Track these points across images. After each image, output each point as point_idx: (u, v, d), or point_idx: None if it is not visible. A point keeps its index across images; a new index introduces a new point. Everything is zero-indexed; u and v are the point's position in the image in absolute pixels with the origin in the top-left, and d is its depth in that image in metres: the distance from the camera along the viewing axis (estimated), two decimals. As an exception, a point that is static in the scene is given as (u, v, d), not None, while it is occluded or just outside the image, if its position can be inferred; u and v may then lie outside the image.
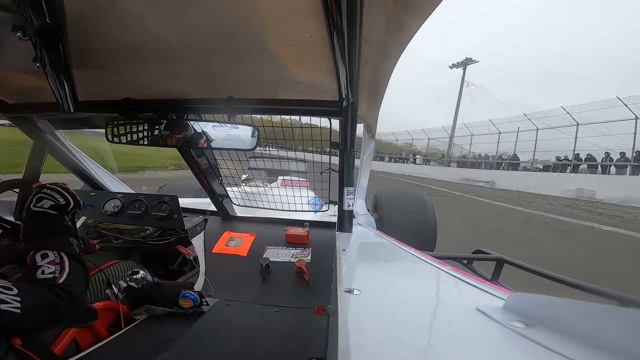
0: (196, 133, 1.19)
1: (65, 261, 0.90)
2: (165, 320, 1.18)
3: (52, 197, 0.99)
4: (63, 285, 0.84)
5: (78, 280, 0.90)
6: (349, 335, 0.45)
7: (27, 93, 1.26)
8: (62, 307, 0.82)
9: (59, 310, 0.82)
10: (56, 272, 0.86)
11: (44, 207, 0.97)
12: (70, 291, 0.84)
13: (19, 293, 0.74)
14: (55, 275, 0.85)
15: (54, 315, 0.83)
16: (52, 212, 0.97)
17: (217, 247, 1.68)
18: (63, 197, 1.01)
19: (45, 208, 0.97)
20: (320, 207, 2.21)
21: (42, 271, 0.85)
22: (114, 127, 1.20)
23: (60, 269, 0.87)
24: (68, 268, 0.89)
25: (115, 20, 0.77)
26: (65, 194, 1.01)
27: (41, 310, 0.78)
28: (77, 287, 0.88)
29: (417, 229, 2.85)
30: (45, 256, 0.89)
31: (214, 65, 1.00)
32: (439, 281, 0.86)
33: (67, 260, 0.90)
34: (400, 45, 0.91)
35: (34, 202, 0.97)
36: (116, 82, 1.15)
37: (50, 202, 0.98)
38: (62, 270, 0.87)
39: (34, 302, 0.76)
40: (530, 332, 0.42)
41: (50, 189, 1.00)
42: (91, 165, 1.97)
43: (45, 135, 1.59)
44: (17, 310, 0.71)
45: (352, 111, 1.19)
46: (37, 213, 0.96)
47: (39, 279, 0.84)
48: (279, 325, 1.18)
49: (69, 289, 0.84)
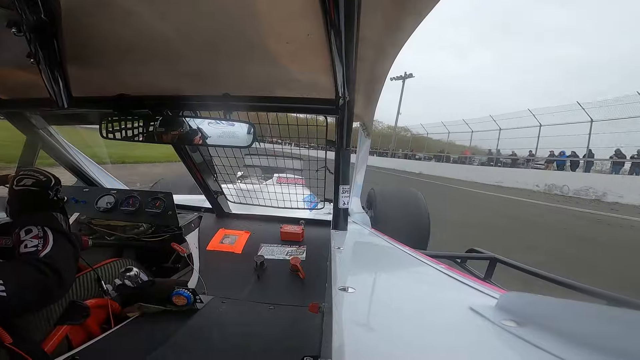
0: (191, 130, 1.18)
1: (49, 235, 0.89)
2: (159, 317, 1.18)
3: (32, 176, 1.01)
4: (45, 259, 0.83)
5: (63, 253, 0.90)
6: (343, 333, 0.46)
7: (20, 89, 1.24)
8: (48, 283, 0.81)
9: (46, 287, 0.81)
10: (39, 246, 0.86)
11: (25, 184, 0.99)
12: (55, 265, 0.83)
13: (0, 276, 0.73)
14: (37, 249, 0.85)
15: (42, 293, 0.82)
16: (34, 188, 0.99)
17: (212, 245, 1.68)
18: (43, 175, 1.03)
19: (27, 185, 0.99)
20: (315, 204, 2.21)
21: (25, 245, 0.85)
22: (108, 123, 1.19)
23: (43, 242, 0.87)
24: (52, 242, 0.88)
25: (111, 16, 0.77)
26: (45, 172, 1.03)
27: (27, 288, 0.77)
28: (62, 260, 0.88)
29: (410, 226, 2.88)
30: (29, 231, 0.89)
31: (210, 62, 1.00)
32: (433, 280, 0.87)
33: (51, 234, 0.90)
34: (397, 45, 0.91)
35: (15, 183, 0.99)
36: (111, 78, 1.14)
37: (31, 179, 1.00)
38: (46, 244, 0.87)
39: (18, 280, 0.76)
40: (522, 331, 0.43)
41: (29, 169, 1.03)
42: (84, 161, 1.95)
43: (38, 131, 1.57)
44: (2, 293, 0.71)
45: (349, 109, 1.19)
46: (20, 191, 0.98)
47: (21, 253, 0.84)
48: (274, 323, 1.18)
49: (53, 263, 0.83)
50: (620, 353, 0.34)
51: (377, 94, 1.36)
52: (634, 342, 0.34)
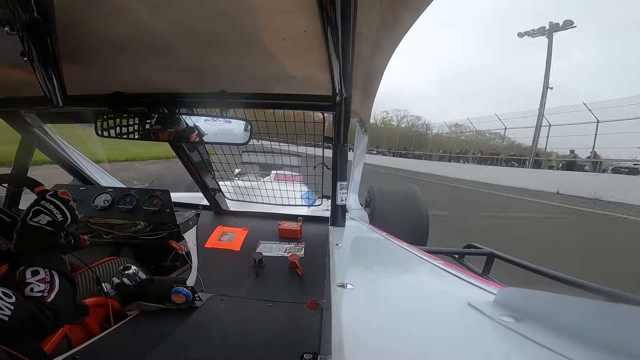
0: (188, 127, 1.18)
1: (55, 280, 0.89)
2: (158, 316, 1.18)
3: (50, 213, 0.95)
4: (50, 305, 0.84)
5: (65, 298, 0.90)
6: (342, 329, 0.46)
7: (15, 87, 1.23)
8: (45, 324, 0.82)
9: (42, 326, 0.82)
10: (45, 291, 0.85)
11: (40, 222, 0.94)
12: (57, 310, 0.84)
13: (15, 302, 0.74)
14: (43, 295, 0.84)
15: (37, 330, 0.83)
16: (48, 228, 0.94)
17: (210, 242, 1.68)
18: (61, 213, 0.97)
19: (42, 224, 0.94)
20: (313, 201, 2.21)
21: (30, 289, 0.84)
22: (103, 121, 1.18)
23: (49, 287, 0.86)
24: (57, 287, 0.88)
25: (105, 13, 0.76)
26: (64, 210, 0.98)
27: (26, 323, 0.78)
28: (64, 306, 0.88)
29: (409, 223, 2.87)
30: (35, 273, 0.87)
31: (206, 59, 0.99)
32: (431, 276, 0.87)
33: (57, 278, 0.89)
34: (394, 41, 0.91)
35: (31, 216, 0.94)
36: (106, 76, 1.13)
37: (47, 217, 0.95)
38: (52, 290, 0.86)
39: (22, 315, 0.76)
40: (519, 327, 0.43)
41: (49, 202, 0.96)
42: (80, 159, 1.94)
43: (33, 129, 1.57)
44: (5, 317, 0.71)
45: (346, 106, 1.19)
46: (33, 228, 0.93)
47: (26, 296, 0.83)
48: (273, 320, 1.19)
49: (56, 309, 0.84)
50: (617, 349, 0.34)
51: (374, 90, 1.35)
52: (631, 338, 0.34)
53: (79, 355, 0.94)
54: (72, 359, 0.92)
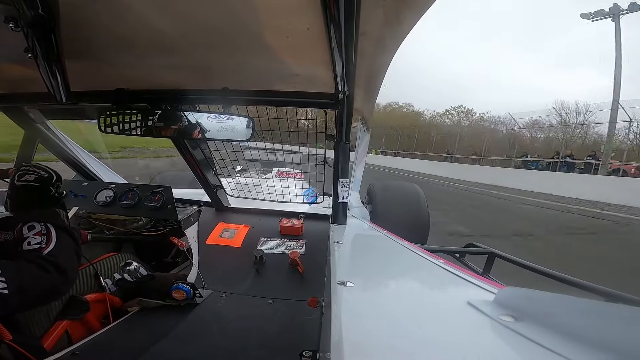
0: (190, 124, 1.18)
1: (52, 232, 0.90)
2: (158, 312, 1.18)
3: (34, 171, 1.00)
4: (48, 256, 0.84)
5: (66, 249, 0.90)
6: (342, 327, 0.46)
7: (18, 83, 1.24)
8: (51, 280, 0.82)
9: (48, 283, 0.82)
10: (42, 243, 0.86)
11: (27, 180, 0.98)
12: (57, 262, 0.84)
13: (2, 273, 0.73)
14: (41, 246, 0.86)
15: (46, 290, 0.82)
16: (36, 184, 0.99)
17: (211, 238, 1.68)
18: (45, 171, 1.02)
19: (29, 181, 0.98)
20: (314, 199, 2.21)
21: (28, 242, 0.86)
22: (106, 118, 1.19)
23: (46, 239, 0.88)
24: (55, 239, 0.89)
25: (109, 11, 0.76)
26: (47, 169, 1.03)
27: (30, 286, 0.78)
28: (65, 257, 0.89)
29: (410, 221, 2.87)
30: (31, 228, 0.89)
31: (209, 56, 0.99)
32: (431, 274, 0.87)
33: (54, 231, 0.90)
34: (397, 39, 0.90)
35: (17, 178, 0.99)
36: (109, 72, 1.13)
37: (33, 175, 0.99)
38: (49, 241, 0.88)
39: (20, 278, 0.76)
40: (519, 327, 0.43)
41: (31, 165, 1.02)
42: (83, 155, 1.94)
43: (36, 125, 1.57)
44: (4, 290, 0.71)
45: (348, 104, 1.19)
46: (22, 186, 0.98)
47: (25, 250, 0.84)
48: (273, 317, 1.19)
49: (55, 260, 0.84)
50: (617, 349, 0.34)
51: (377, 88, 1.35)
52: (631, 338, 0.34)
53: (79, 351, 0.94)
54: (72, 354, 0.93)
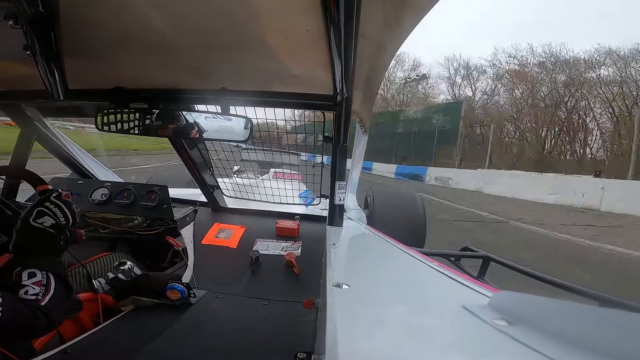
0: (188, 123, 1.18)
1: (51, 283, 0.88)
2: (152, 311, 1.18)
3: (54, 216, 0.93)
4: (43, 308, 0.83)
5: (59, 302, 0.89)
6: (337, 329, 0.46)
7: (16, 81, 1.23)
8: (38, 326, 0.81)
9: (34, 328, 0.81)
10: (39, 295, 0.84)
11: (44, 224, 0.92)
12: (49, 314, 0.83)
13: (2, 302, 0.73)
14: (37, 298, 0.84)
15: (27, 332, 0.82)
16: (51, 230, 0.93)
17: (207, 239, 1.68)
18: (64, 217, 0.95)
19: (45, 226, 0.92)
20: (311, 200, 2.21)
21: (25, 291, 0.84)
22: (104, 116, 1.18)
23: (44, 291, 0.86)
24: (52, 291, 0.87)
25: (109, 9, 0.76)
26: (67, 213, 0.96)
27: (17, 324, 0.77)
28: (57, 310, 0.87)
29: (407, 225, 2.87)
30: (32, 275, 0.86)
31: (208, 56, 0.99)
32: (427, 278, 0.87)
33: (53, 282, 0.88)
34: (396, 42, 0.91)
35: (34, 217, 0.92)
36: (108, 71, 1.13)
37: (51, 220, 0.93)
38: (46, 293, 0.86)
39: (13, 315, 0.75)
40: (512, 331, 0.43)
41: (54, 204, 0.94)
42: (79, 153, 1.93)
43: (33, 122, 1.56)
44: None
45: (346, 105, 1.19)
46: (35, 230, 0.91)
47: (21, 298, 0.82)
48: (267, 319, 1.19)
49: (48, 312, 0.83)
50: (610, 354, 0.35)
51: (376, 91, 1.36)
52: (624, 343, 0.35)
53: (70, 350, 0.93)
54: (63, 354, 0.92)
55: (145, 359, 0.93)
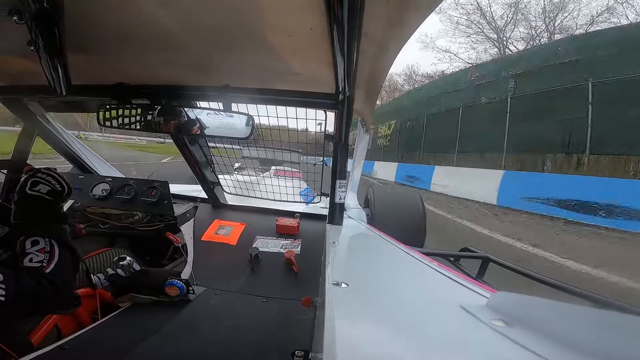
0: (190, 120, 1.18)
1: (55, 249, 0.88)
2: (150, 308, 1.18)
3: (48, 182, 0.96)
4: (48, 275, 0.83)
5: (65, 269, 0.89)
6: (335, 328, 0.46)
7: (19, 75, 1.23)
8: (44, 296, 0.81)
9: (41, 299, 0.81)
10: (44, 261, 0.85)
11: (40, 191, 0.94)
12: (55, 281, 0.83)
13: (3, 280, 0.73)
14: (42, 265, 0.84)
15: (36, 304, 0.82)
16: (48, 197, 0.95)
17: (207, 235, 1.68)
18: (59, 183, 0.98)
19: (42, 193, 0.94)
20: (311, 198, 2.22)
21: (30, 259, 0.84)
22: (106, 111, 1.19)
23: (49, 257, 0.86)
24: (57, 257, 0.87)
25: (112, 5, 0.76)
26: (61, 180, 0.99)
27: (23, 298, 0.77)
28: (63, 276, 0.87)
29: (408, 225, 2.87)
30: (35, 243, 0.87)
31: (211, 53, 0.99)
32: (426, 277, 0.88)
33: (57, 248, 0.89)
34: (400, 41, 0.91)
35: (30, 186, 0.94)
36: (111, 66, 1.13)
37: (47, 187, 0.95)
38: (51, 260, 0.86)
39: (17, 290, 0.75)
40: (509, 331, 0.43)
41: (46, 174, 0.97)
42: (80, 148, 1.94)
43: (35, 117, 1.56)
44: (1, 297, 0.71)
45: (348, 104, 1.19)
46: (33, 197, 0.93)
47: (25, 266, 0.83)
48: (266, 316, 1.19)
49: (54, 279, 0.83)
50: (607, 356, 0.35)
51: (378, 90, 1.36)
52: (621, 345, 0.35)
53: (67, 346, 0.93)
54: (61, 349, 0.92)
55: (143, 356, 0.94)
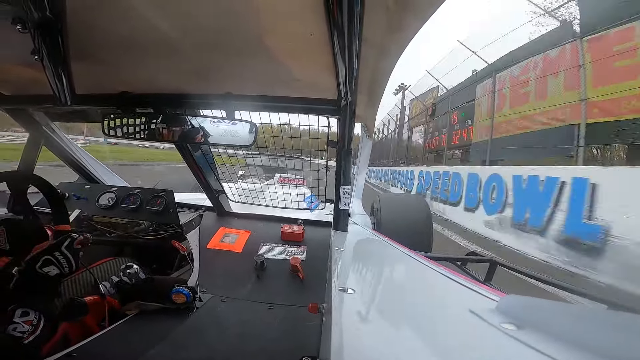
0: (193, 128, 1.18)
1: (40, 324, 0.90)
2: (157, 315, 1.18)
3: (59, 265, 0.98)
4: (26, 346, 0.85)
5: (41, 342, 0.91)
6: (342, 334, 0.45)
7: (24, 85, 1.25)
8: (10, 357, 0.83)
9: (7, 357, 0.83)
10: (25, 333, 0.87)
11: (49, 273, 0.96)
12: (28, 351, 0.86)
13: None
14: (23, 336, 0.86)
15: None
16: (55, 279, 0.97)
17: (212, 243, 1.68)
18: (69, 266, 1.00)
19: (49, 275, 0.96)
20: (316, 205, 2.21)
21: (14, 328, 0.86)
22: (110, 121, 1.20)
23: (32, 330, 0.88)
24: (39, 332, 0.89)
25: (115, 14, 0.77)
26: (72, 262, 1.00)
27: None
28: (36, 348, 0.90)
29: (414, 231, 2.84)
30: (25, 314, 0.89)
31: (212, 60, 1.00)
32: (433, 282, 0.87)
33: (42, 323, 0.91)
34: (400, 45, 0.91)
35: (40, 264, 0.96)
36: (114, 75, 1.14)
37: (56, 270, 0.97)
38: (34, 332, 0.88)
39: None
40: (520, 334, 0.42)
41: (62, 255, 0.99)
42: (86, 157, 1.96)
43: (41, 127, 1.58)
44: None
45: (351, 110, 1.19)
46: (40, 276, 0.95)
47: (7, 333, 0.85)
48: (272, 323, 1.18)
49: (28, 351, 0.86)
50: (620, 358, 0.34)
51: (380, 95, 1.36)
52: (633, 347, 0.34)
53: (75, 354, 0.93)
54: (69, 357, 0.92)
55: None
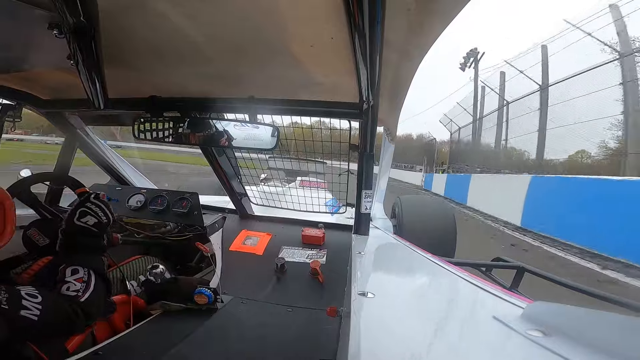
0: (218, 132, 1.21)
1: (92, 280, 0.92)
2: (180, 315, 1.20)
3: (96, 214, 1.00)
4: (82, 304, 0.87)
5: (98, 300, 0.93)
6: (361, 338, 0.45)
7: (59, 89, 1.31)
8: (75, 322, 0.85)
9: (72, 325, 0.85)
10: (80, 291, 0.88)
11: (87, 223, 0.98)
12: (88, 310, 0.87)
13: (41, 301, 0.76)
14: (78, 294, 0.87)
15: (66, 328, 0.85)
16: (94, 229, 0.99)
17: (234, 245, 1.71)
18: (105, 215, 1.02)
19: (89, 225, 0.98)
20: (337, 209, 2.21)
21: (67, 287, 0.88)
22: (140, 124, 1.24)
23: (85, 287, 0.89)
24: (92, 287, 0.91)
25: (145, 20, 0.80)
26: (107, 212, 1.02)
27: (56, 321, 0.80)
28: (95, 306, 0.91)
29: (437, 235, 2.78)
30: (75, 272, 0.91)
31: (237, 65, 1.02)
32: (456, 288, 0.85)
33: (94, 279, 0.92)
34: (422, 48, 0.90)
35: (78, 216, 0.98)
36: (144, 80, 1.18)
37: (94, 219, 0.99)
38: (87, 290, 0.89)
39: (52, 312, 0.78)
40: (548, 342, 0.41)
41: (94, 204, 1.01)
42: (117, 160, 2.03)
43: (76, 130, 1.66)
44: (34, 317, 0.73)
45: (373, 113, 1.19)
46: (79, 228, 0.98)
47: (62, 294, 0.86)
48: (291, 325, 1.19)
49: (87, 309, 0.87)
50: None
51: (402, 99, 1.34)
52: None
53: (102, 352, 0.96)
54: (95, 354, 0.95)
55: None
